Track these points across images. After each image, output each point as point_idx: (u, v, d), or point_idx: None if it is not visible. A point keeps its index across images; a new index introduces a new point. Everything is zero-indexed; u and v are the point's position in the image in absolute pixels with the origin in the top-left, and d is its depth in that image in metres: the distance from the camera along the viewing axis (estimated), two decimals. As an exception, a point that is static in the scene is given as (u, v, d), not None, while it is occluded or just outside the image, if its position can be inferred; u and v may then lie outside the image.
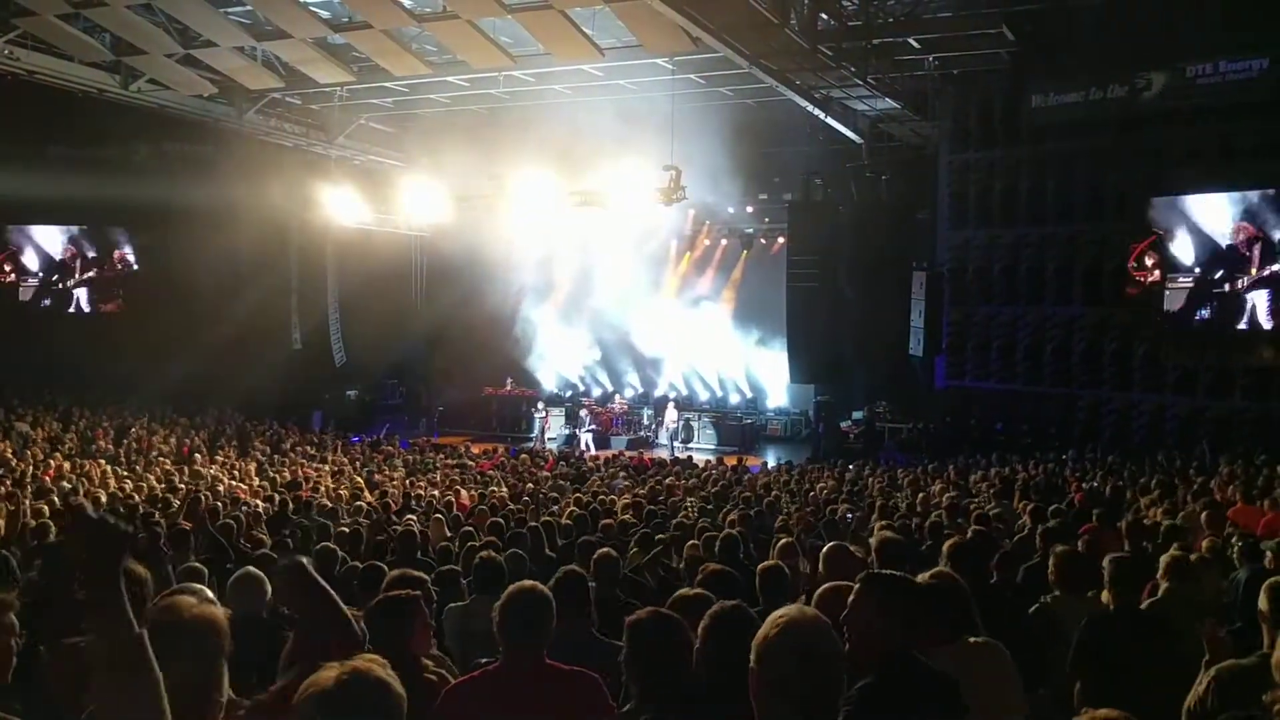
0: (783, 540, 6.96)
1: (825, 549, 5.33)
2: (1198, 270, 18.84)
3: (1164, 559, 5.09)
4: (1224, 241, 18.36)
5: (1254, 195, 18.11)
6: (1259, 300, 18.03)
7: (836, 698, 2.47)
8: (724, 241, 27.45)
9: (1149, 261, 19.37)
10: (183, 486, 12.60)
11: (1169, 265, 19.16)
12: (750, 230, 26.78)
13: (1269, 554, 5.87)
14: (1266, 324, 17.97)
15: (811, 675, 2.43)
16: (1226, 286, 18.38)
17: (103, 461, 15.23)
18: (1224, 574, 5.90)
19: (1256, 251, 17.96)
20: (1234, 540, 6.99)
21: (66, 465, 14.57)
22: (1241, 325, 18.27)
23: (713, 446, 24.52)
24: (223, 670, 2.60)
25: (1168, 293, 19.19)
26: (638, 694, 3.11)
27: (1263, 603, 3.45)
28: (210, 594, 3.63)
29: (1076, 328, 20.77)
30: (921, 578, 3.77)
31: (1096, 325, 20.46)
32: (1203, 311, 18.83)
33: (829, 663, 2.47)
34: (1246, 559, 6.08)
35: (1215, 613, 4.73)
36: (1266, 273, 17.87)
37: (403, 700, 2.21)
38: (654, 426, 25.84)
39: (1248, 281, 18.13)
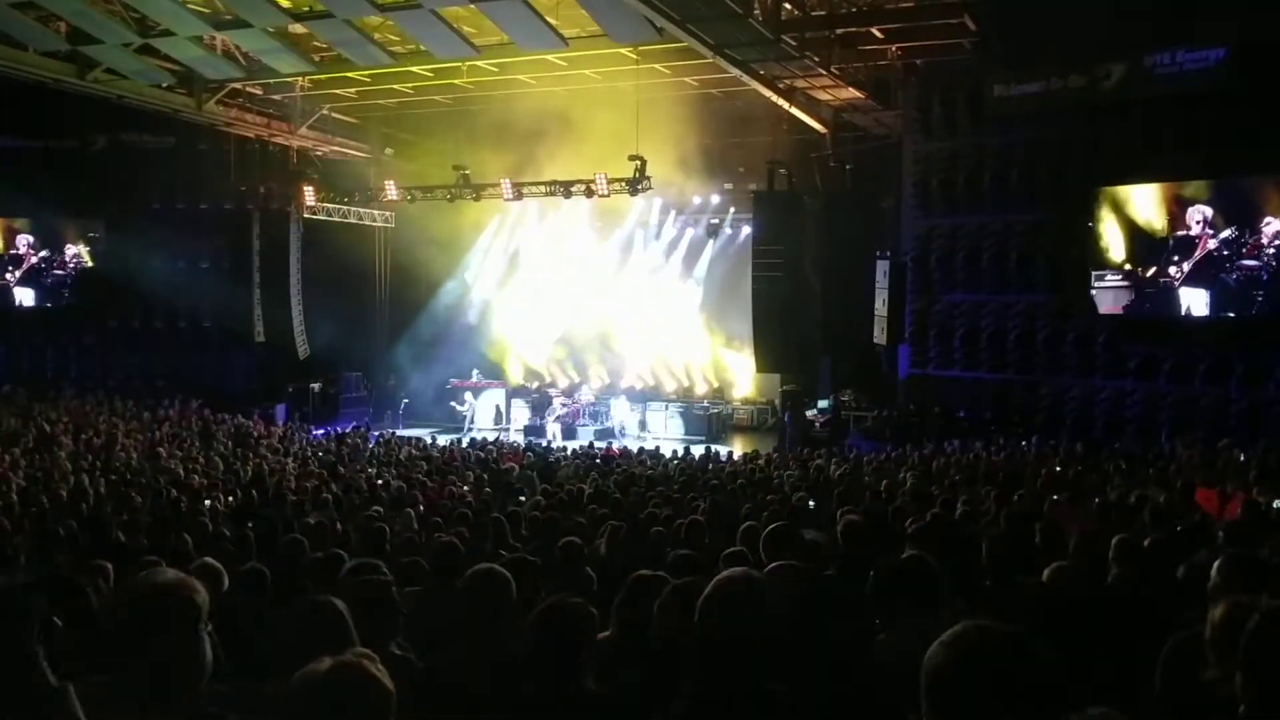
0: (746, 525, 7.01)
1: (766, 531, 5.39)
2: (1130, 265, 19.10)
3: (1115, 541, 5.16)
4: (1176, 231, 18.57)
5: (1209, 185, 18.33)
6: (1197, 294, 18.34)
7: (764, 654, 2.52)
8: (690, 231, 27.49)
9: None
10: (145, 481, 12.50)
11: (1101, 260, 19.42)
12: (716, 220, 26.84)
13: (1221, 534, 5.97)
14: (1201, 313, 18.30)
15: (738, 629, 2.49)
16: (1173, 270, 18.60)
17: (63, 455, 15.05)
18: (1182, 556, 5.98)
19: (1205, 240, 18.22)
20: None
21: (24, 461, 14.38)
22: (1183, 314, 18.58)
23: (679, 437, 24.59)
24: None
25: (1109, 293, 19.47)
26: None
27: (1215, 576, 3.50)
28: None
29: (1039, 315, 20.97)
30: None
31: (1058, 313, 20.66)
32: (1145, 305, 19.10)
33: (756, 618, 2.52)
34: (1202, 541, 6.17)
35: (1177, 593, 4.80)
36: (1202, 251, 18.15)
37: (391, 696, 2.21)
38: (611, 417, 25.86)
39: (1188, 268, 18.37)
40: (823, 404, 23.77)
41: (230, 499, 11.75)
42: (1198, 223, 18.12)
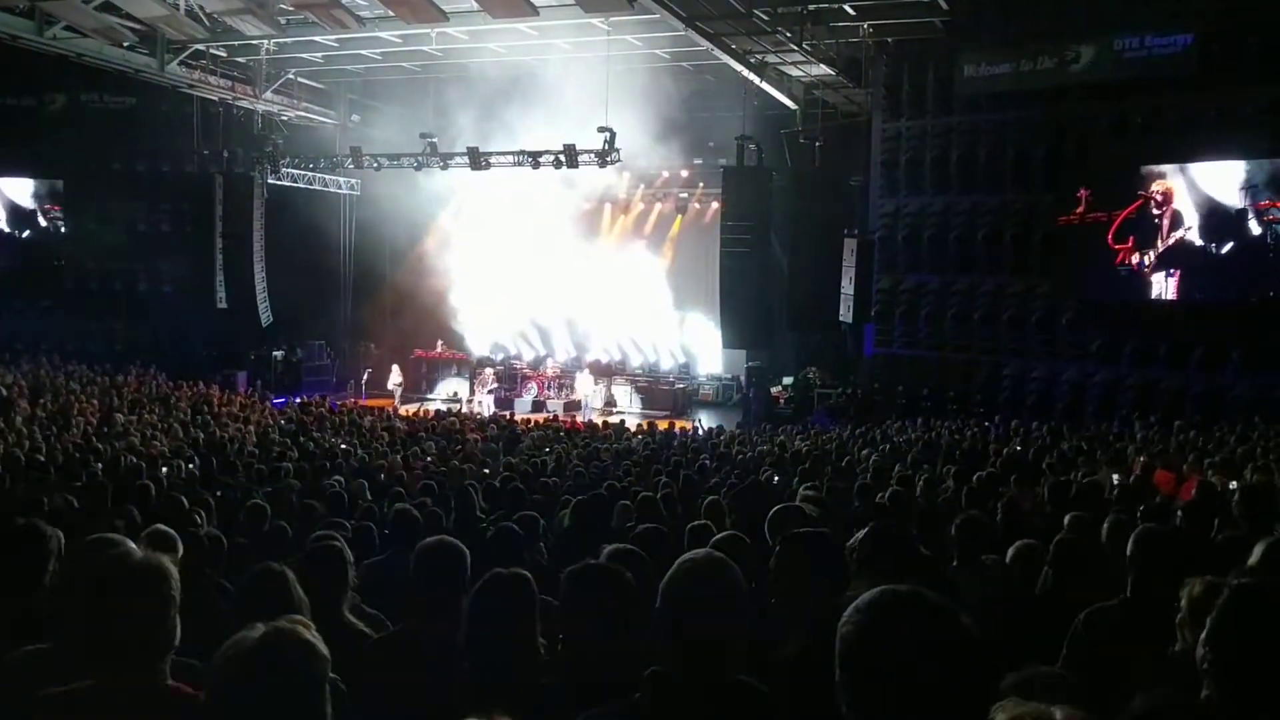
0: (709, 499, 7.02)
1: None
2: (1100, 248, 19.29)
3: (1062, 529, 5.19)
4: (1144, 214, 18.75)
5: (1176, 169, 18.48)
6: (1168, 279, 18.55)
7: (725, 637, 2.46)
8: (658, 206, 27.39)
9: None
10: (104, 447, 12.32)
11: (1068, 244, 19.59)
12: (685, 195, 26.76)
13: (1179, 513, 6.04)
14: (1171, 296, 18.53)
15: (697, 613, 2.43)
16: (1137, 258, 18.80)
17: (19, 420, 14.80)
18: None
19: (1167, 225, 18.43)
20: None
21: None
22: (1153, 297, 18.81)
23: (644, 411, 24.59)
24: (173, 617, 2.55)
25: (1074, 276, 19.68)
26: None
27: (1130, 549, 3.53)
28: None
29: (1003, 296, 21.11)
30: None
31: (1023, 294, 20.81)
32: (1112, 288, 19.30)
33: (718, 600, 2.45)
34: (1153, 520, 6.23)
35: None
36: (1173, 240, 18.34)
37: (326, 662, 2.17)
38: (572, 389, 25.76)
39: (1155, 255, 18.58)
40: (788, 380, 23.87)
41: (189, 466, 11.61)
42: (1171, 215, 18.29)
